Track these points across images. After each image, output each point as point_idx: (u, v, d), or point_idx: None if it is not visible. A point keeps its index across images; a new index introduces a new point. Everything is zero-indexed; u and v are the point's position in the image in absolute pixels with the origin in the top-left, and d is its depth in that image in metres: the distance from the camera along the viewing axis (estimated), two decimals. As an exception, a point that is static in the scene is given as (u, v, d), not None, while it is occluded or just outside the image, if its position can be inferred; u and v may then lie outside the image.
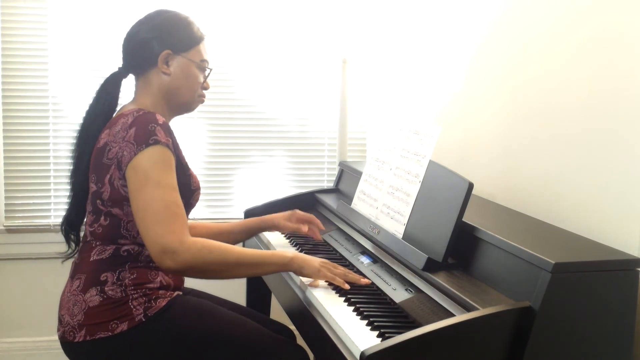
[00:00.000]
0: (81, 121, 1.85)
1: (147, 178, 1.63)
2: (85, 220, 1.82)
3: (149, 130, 1.66)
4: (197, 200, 1.87)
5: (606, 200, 1.75)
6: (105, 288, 1.70)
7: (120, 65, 1.87)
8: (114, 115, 1.83)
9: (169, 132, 1.70)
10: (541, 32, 2.05)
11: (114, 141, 1.70)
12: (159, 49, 1.81)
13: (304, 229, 2.13)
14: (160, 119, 1.70)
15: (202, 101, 1.92)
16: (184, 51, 1.83)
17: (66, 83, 2.88)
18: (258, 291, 2.42)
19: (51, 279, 2.74)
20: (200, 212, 3.03)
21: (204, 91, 1.91)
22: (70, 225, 1.87)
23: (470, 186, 1.68)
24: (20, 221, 2.91)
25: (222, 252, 1.67)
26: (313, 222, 2.17)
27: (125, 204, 1.70)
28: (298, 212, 2.17)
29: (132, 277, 1.71)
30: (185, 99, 1.86)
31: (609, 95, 1.76)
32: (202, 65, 1.87)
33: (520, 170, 2.14)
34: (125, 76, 1.87)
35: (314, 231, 2.16)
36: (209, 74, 1.90)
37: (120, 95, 1.88)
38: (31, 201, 2.91)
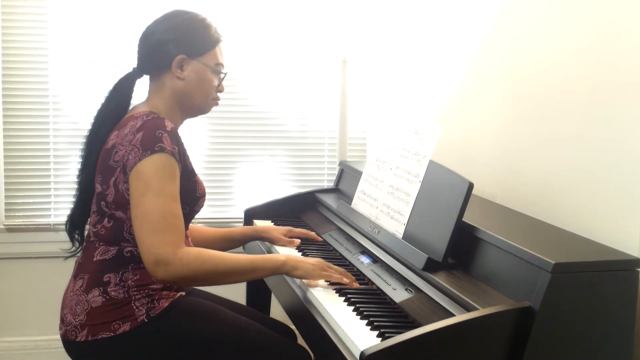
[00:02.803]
0: (92, 120, 1.84)
1: (148, 186, 1.63)
2: (89, 219, 1.82)
3: (155, 137, 1.65)
4: (201, 206, 1.87)
5: (606, 200, 1.75)
6: (108, 289, 1.70)
7: (135, 66, 1.85)
8: (126, 115, 1.81)
9: (176, 140, 1.69)
10: (541, 32, 2.05)
11: (121, 144, 1.69)
12: (175, 52, 1.79)
13: (297, 242, 2.15)
14: (169, 125, 1.69)
15: (216, 104, 1.91)
16: (199, 55, 1.81)
17: (66, 81, 2.88)
18: (258, 291, 2.42)
19: (51, 278, 2.74)
20: (201, 212, 2.99)
21: (218, 94, 1.90)
22: (73, 224, 1.86)
23: (471, 186, 1.68)
24: (21, 220, 2.91)
25: (215, 261, 1.66)
26: (309, 237, 2.20)
27: (129, 208, 1.69)
28: (293, 229, 2.21)
29: (135, 278, 1.71)
30: (198, 103, 1.85)
31: (609, 95, 1.76)
32: (216, 69, 1.86)
33: (520, 170, 2.14)
34: (139, 77, 1.85)
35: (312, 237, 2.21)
36: (224, 77, 1.89)
37: (134, 95, 1.86)
38: (31, 200, 2.91)
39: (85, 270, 1.74)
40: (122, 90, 1.83)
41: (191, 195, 1.79)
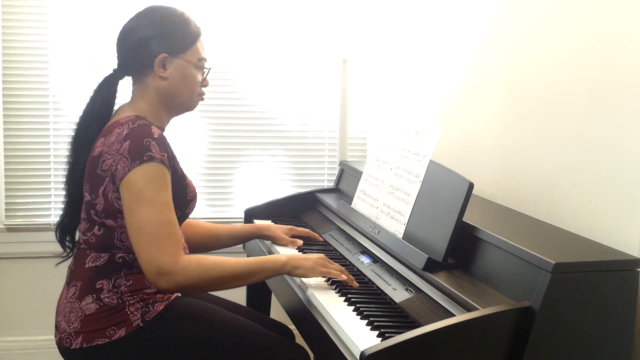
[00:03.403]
0: (76, 125, 1.80)
1: (141, 196, 1.61)
2: (79, 226, 1.79)
3: (143, 146, 1.62)
4: (192, 209, 1.85)
5: (606, 200, 1.75)
6: (102, 296, 1.68)
7: (115, 67, 1.81)
8: (111, 118, 1.77)
9: (164, 146, 1.66)
10: (541, 31, 2.05)
11: (108, 152, 1.66)
12: (156, 51, 1.75)
13: (299, 242, 2.14)
14: (156, 131, 1.66)
15: (202, 99, 1.87)
16: (181, 52, 1.77)
17: (67, 81, 2.88)
18: (258, 291, 2.42)
19: (51, 278, 2.73)
20: (201, 212, 3.03)
21: (203, 89, 1.86)
22: (63, 231, 1.83)
23: (471, 186, 1.68)
24: (21, 220, 2.91)
25: (216, 268, 1.65)
26: (310, 236, 2.19)
27: (119, 216, 1.67)
28: (295, 228, 2.20)
29: (128, 283, 1.69)
30: (184, 100, 1.81)
31: (609, 95, 1.76)
32: (199, 65, 1.82)
33: (520, 170, 2.14)
34: (121, 78, 1.81)
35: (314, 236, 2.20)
36: (207, 72, 1.85)
37: (117, 95, 1.82)
38: (31, 200, 2.91)
39: (77, 278, 1.72)
40: (105, 92, 1.79)
41: (182, 198, 1.77)
